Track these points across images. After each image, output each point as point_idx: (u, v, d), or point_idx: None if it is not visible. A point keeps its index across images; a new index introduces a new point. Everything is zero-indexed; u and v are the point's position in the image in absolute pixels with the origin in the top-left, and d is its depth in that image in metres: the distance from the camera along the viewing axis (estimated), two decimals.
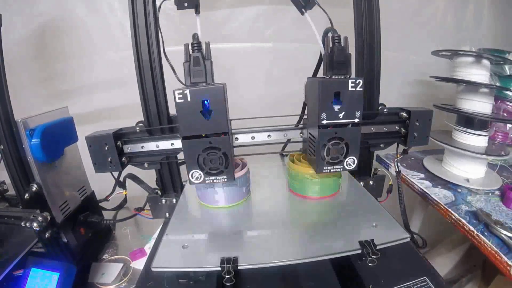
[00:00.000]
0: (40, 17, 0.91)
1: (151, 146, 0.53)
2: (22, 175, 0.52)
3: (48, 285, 0.50)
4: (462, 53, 0.68)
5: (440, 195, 0.65)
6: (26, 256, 0.54)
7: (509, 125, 0.88)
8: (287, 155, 0.75)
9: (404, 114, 0.53)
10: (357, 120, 0.43)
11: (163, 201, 0.60)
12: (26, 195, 0.50)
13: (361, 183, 0.63)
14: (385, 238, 0.41)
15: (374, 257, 0.37)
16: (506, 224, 0.52)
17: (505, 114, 0.85)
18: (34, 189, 0.51)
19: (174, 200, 0.60)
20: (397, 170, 0.59)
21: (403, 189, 0.58)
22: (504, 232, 0.50)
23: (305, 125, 0.53)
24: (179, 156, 0.57)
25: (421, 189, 0.69)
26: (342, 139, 0.43)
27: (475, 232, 0.52)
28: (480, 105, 0.68)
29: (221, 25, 0.96)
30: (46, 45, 0.95)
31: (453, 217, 0.58)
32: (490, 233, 0.51)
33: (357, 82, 0.40)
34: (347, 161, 0.45)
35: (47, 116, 0.53)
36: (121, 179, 0.64)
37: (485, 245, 0.50)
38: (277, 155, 0.78)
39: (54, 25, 0.92)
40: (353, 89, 0.41)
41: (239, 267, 0.37)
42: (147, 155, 0.54)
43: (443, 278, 0.39)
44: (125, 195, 0.81)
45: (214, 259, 0.38)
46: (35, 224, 0.48)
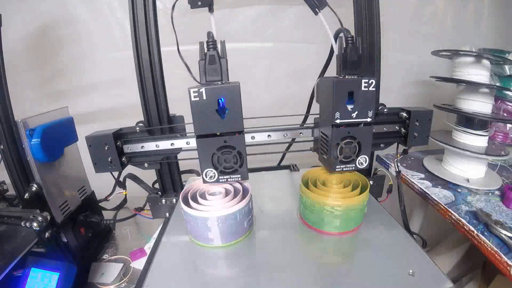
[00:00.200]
0: (40, 17, 0.91)
1: (151, 146, 0.53)
2: (22, 175, 0.52)
3: (48, 285, 0.50)
4: (462, 53, 0.68)
5: (440, 195, 0.65)
6: (26, 256, 0.54)
7: (509, 125, 0.88)
8: (297, 170, 0.72)
9: (404, 114, 0.53)
10: (369, 120, 0.43)
11: (163, 201, 0.60)
12: (26, 195, 0.50)
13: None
14: None
15: None
16: (506, 224, 0.52)
17: (505, 114, 0.85)
18: (34, 189, 0.51)
19: (174, 200, 0.60)
20: (397, 170, 0.59)
21: (403, 189, 0.58)
22: (504, 232, 0.50)
23: (316, 124, 0.53)
24: (179, 156, 0.57)
25: (421, 189, 0.69)
26: (355, 138, 0.44)
27: (475, 232, 0.52)
28: (480, 105, 0.68)
29: (221, 25, 0.96)
30: (46, 45, 0.95)
31: (453, 217, 0.58)
32: (490, 233, 0.51)
33: (369, 82, 0.41)
34: (359, 160, 0.45)
35: (47, 116, 0.53)
36: (121, 179, 0.65)
37: (485, 245, 0.50)
38: (279, 163, 0.76)
39: (54, 25, 0.92)
40: (366, 89, 0.41)
41: None
42: (147, 155, 0.54)
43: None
44: (125, 195, 0.81)
45: None
46: (35, 224, 0.48)
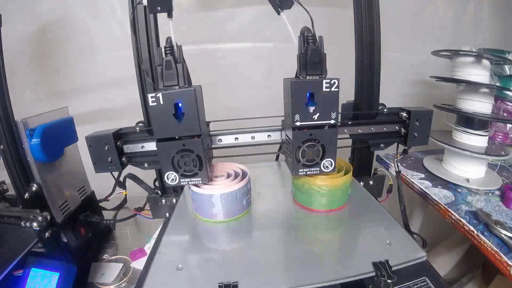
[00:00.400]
0: (40, 17, 0.91)
1: (151, 146, 0.53)
2: (22, 175, 0.52)
3: (48, 285, 0.50)
4: (462, 53, 0.68)
5: (440, 195, 0.65)
6: (26, 256, 0.54)
7: (509, 125, 0.88)
8: None
9: (404, 114, 0.53)
10: (333, 121, 0.42)
11: (163, 201, 0.60)
12: (26, 195, 0.50)
13: (361, 183, 0.63)
14: (400, 258, 0.38)
15: (389, 281, 0.35)
16: (506, 224, 0.52)
17: (505, 114, 0.85)
18: (34, 189, 0.51)
19: (174, 200, 0.60)
20: (397, 170, 0.59)
21: (403, 189, 0.58)
22: (504, 232, 0.50)
23: (283, 127, 0.52)
24: None
25: (421, 189, 0.69)
26: (318, 140, 0.43)
27: (475, 232, 0.52)
28: (480, 105, 0.68)
29: (221, 25, 0.96)
30: (46, 45, 0.95)
31: (453, 217, 0.58)
32: (490, 233, 0.51)
33: (332, 82, 0.40)
34: (324, 163, 0.45)
35: (47, 116, 0.53)
36: (121, 179, 0.64)
37: (485, 245, 0.50)
38: (282, 160, 0.77)
39: (54, 25, 0.92)
40: (328, 89, 0.40)
41: None
42: (147, 155, 0.54)
43: (443, 278, 0.39)
44: (125, 195, 0.81)
45: (211, 285, 0.35)
46: (35, 224, 0.48)
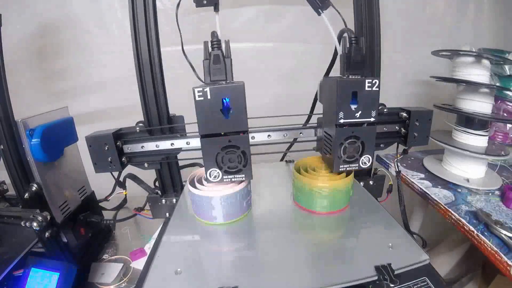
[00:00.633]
0: (40, 17, 0.91)
1: (151, 146, 0.53)
2: (22, 175, 0.52)
3: (48, 285, 0.50)
4: (462, 53, 0.68)
5: (440, 195, 0.65)
6: (26, 256, 0.54)
7: (509, 125, 0.88)
8: (291, 161, 0.74)
9: (404, 114, 0.53)
10: (373, 119, 0.43)
11: (163, 201, 0.60)
12: (26, 195, 0.50)
13: (361, 183, 0.63)
14: (402, 261, 0.37)
15: (392, 285, 0.34)
16: (506, 224, 0.52)
17: (505, 114, 0.85)
18: (34, 189, 0.51)
19: (174, 200, 0.60)
20: (397, 170, 0.59)
21: (403, 189, 0.58)
22: (504, 232, 0.50)
23: (319, 124, 0.53)
24: (179, 156, 0.57)
25: (421, 189, 0.69)
26: (358, 137, 0.44)
27: (475, 232, 0.52)
28: (480, 105, 0.68)
29: (221, 25, 0.96)
30: (46, 45, 0.95)
31: (453, 217, 0.58)
32: (490, 233, 0.51)
33: (373, 82, 0.41)
34: (362, 159, 0.45)
35: (47, 116, 0.53)
36: (121, 179, 0.65)
37: (485, 245, 0.50)
38: (281, 160, 0.77)
39: (54, 25, 0.92)
40: (370, 88, 0.41)
41: None
42: (147, 155, 0.54)
43: (443, 278, 0.39)
44: (125, 195, 0.81)
45: None
46: (35, 224, 0.48)
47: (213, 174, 0.44)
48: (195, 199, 0.49)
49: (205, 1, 0.42)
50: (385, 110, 0.56)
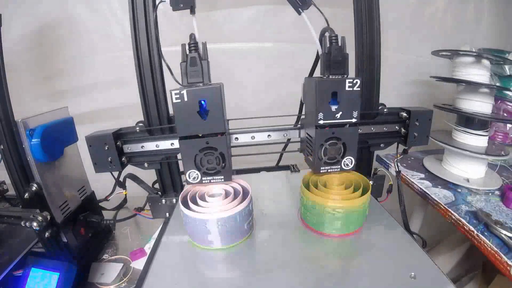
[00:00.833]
0: (40, 17, 0.91)
1: (151, 146, 0.53)
2: (22, 175, 0.52)
3: (48, 285, 0.50)
4: (462, 53, 0.68)
5: (440, 195, 0.65)
6: (26, 256, 0.54)
7: (509, 125, 0.88)
8: (297, 171, 0.71)
9: (404, 114, 0.53)
10: (354, 120, 0.42)
11: (163, 201, 0.60)
12: (26, 195, 0.50)
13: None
14: None
15: None
16: (506, 224, 0.52)
17: (505, 114, 0.85)
18: (34, 189, 0.51)
19: (174, 200, 0.60)
20: (397, 170, 0.59)
21: (403, 189, 0.58)
22: (504, 232, 0.50)
23: (303, 125, 0.52)
24: (179, 156, 0.57)
25: (421, 189, 0.69)
26: (339, 139, 0.43)
27: (475, 232, 0.52)
28: (480, 105, 0.68)
29: (221, 25, 0.96)
30: (46, 45, 0.95)
31: (453, 217, 0.58)
32: (490, 233, 0.51)
33: (354, 81, 0.40)
34: (344, 161, 0.45)
35: (47, 116, 0.53)
36: (121, 179, 0.65)
37: (485, 245, 0.50)
38: (276, 165, 0.74)
39: (54, 25, 0.92)
40: (350, 88, 0.41)
41: None
42: (147, 155, 0.54)
43: None
44: (125, 195, 0.81)
45: None
46: (35, 224, 0.48)
47: (192, 176, 0.44)
48: (188, 220, 0.43)
49: (182, 5, 0.42)
50: (385, 110, 0.56)
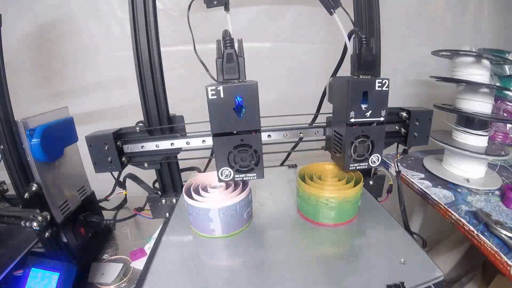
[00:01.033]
0: (40, 17, 0.91)
1: (151, 146, 0.53)
2: (22, 175, 0.52)
3: (48, 285, 0.50)
4: (462, 53, 0.68)
5: (440, 195, 0.65)
6: (26, 256, 0.54)
7: (509, 125, 0.88)
8: (294, 166, 0.73)
9: (404, 114, 0.53)
10: (382, 119, 0.43)
11: (163, 201, 0.60)
12: (26, 195, 0.50)
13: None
14: (416, 279, 0.36)
15: None
16: (506, 224, 0.52)
17: (505, 114, 0.85)
18: (34, 189, 0.51)
19: (174, 200, 0.60)
20: (397, 170, 0.59)
21: (403, 189, 0.58)
22: (504, 232, 0.50)
23: (329, 123, 0.53)
24: (179, 156, 0.57)
25: (421, 189, 0.69)
26: (368, 137, 0.44)
27: (475, 232, 0.52)
28: (480, 105, 0.68)
29: (220, 25, 0.96)
30: (46, 45, 0.95)
31: (453, 217, 0.58)
32: (490, 233, 0.51)
33: (383, 82, 0.41)
34: (372, 158, 0.46)
35: (47, 116, 0.53)
36: (121, 179, 0.65)
37: (485, 245, 0.50)
38: (281, 165, 0.74)
39: (54, 25, 0.92)
40: (380, 88, 0.42)
41: None
42: (147, 155, 0.54)
43: (443, 279, 0.39)
44: (125, 195, 0.81)
45: None
46: (35, 224, 0.48)
47: (225, 173, 0.44)
48: (191, 210, 0.46)
49: (216, 2, 0.42)
50: None
